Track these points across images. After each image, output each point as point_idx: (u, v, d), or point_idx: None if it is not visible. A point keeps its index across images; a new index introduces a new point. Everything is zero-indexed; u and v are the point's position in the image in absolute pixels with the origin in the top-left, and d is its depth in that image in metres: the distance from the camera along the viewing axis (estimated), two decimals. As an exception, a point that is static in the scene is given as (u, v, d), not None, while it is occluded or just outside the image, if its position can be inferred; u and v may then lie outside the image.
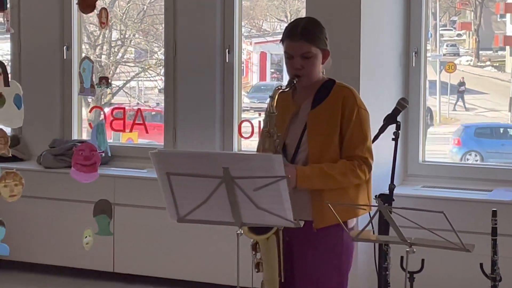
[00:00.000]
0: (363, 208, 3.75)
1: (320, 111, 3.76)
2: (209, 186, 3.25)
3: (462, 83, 6.62)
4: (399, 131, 4.13)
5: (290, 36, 3.76)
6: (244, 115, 6.55)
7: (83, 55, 6.96)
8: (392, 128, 4.13)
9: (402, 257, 3.96)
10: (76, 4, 4.26)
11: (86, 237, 4.33)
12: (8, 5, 4.08)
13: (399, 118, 4.16)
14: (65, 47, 6.83)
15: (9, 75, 3.76)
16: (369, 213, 3.65)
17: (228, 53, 6.33)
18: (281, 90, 3.71)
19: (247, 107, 6.97)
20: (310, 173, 3.66)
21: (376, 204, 3.32)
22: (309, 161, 3.72)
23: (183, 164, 3.29)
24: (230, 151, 6.19)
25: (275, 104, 3.69)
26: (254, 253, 3.78)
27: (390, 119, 4.14)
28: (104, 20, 4.39)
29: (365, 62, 5.54)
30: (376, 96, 5.55)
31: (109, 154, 4.60)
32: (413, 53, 5.93)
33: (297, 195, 3.59)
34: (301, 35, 3.72)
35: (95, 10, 4.37)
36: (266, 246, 3.73)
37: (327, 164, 3.69)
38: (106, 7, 4.41)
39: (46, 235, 6.53)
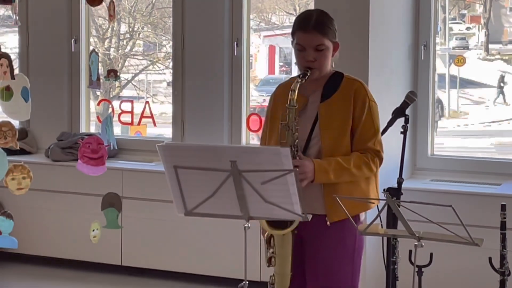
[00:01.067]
0: (372, 202, 3.73)
1: (331, 104, 3.74)
2: (217, 179, 3.23)
3: (502, 78, 6.59)
4: (408, 125, 4.11)
5: (303, 27, 3.72)
6: (252, 108, 6.54)
7: (91, 48, 6.97)
8: (400, 121, 4.11)
9: (410, 251, 3.95)
10: (84, -3, 4.26)
11: (93, 230, 4.33)
12: (16, -1, 4.09)
13: (407, 112, 4.14)
14: (73, 40, 6.83)
15: (17, 68, 3.78)
16: (377, 206, 3.64)
17: (237, 46, 6.32)
18: (299, 83, 3.67)
19: (255, 100, 6.97)
20: (327, 166, 3.64)
21: (385, 198, 3.30)
22: (323, 155, 3.70)
23: (190, 157, 3.27)
24: (238, 145, 6.18)
25: (295, 97, 3.66)
26: (267, 247, 3.75)
27: (398, 112, 4.12)
28: (112, 13, 4.39)
29: (374, 55, 5.52)
30: (385, 89, 5.53)
31: (116, 147, 4.59)
32: (422, 46, 5.91)
33: (310, 189, 3.59)
34: (315, 27, 3.69)
35: (103, 3, 4.37)
36: (281, 241, 3.72)
37: (342, 157, 3.68)
38: (114, 0, 4.40)
39: (54, 228, 6.54)
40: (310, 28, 3.69)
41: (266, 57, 7.37)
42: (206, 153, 3.29)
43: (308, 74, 3.70)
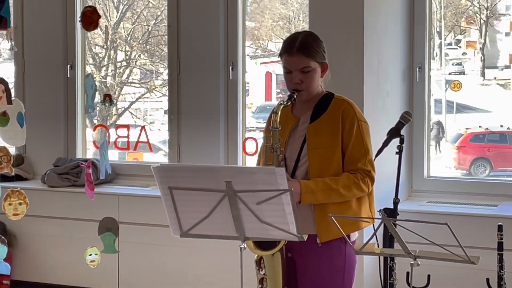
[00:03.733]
0: (367, 221, 3.73)
1: (319, 125, 3.76)
2: (212, 200, 3.23)
3: None
4: (403, 145, 4.10)
5: (288, 51, 3.75)
6: (250, 135, 6.53)
7: (87, 73, 6.99)
8: (396, 142, 4.11)
9: (408, 273, 3.93)
10: (79, 22, 4.27)
11: (90, 255, 4.32)
12: (12, 24, 4.10)
13: (403, 132, 4.14)
14: (69, 65, 6.85)
15: (13, 96, 3.78)
16: (373, 226, 3.63)
17: (232, 70, 6.33)
18: (283, 105, 3.71)
19: (252, 127, 6.96)
20: (314, 187, 3.64)
21: (380, 217, 3.29)
22: (310, 175, 3.71)
23: (185, 178, 3.27)
24: (233, 165, 6.18)
25: (278, 119, 3.69)
26: (258, 268, 3.75)
27: (393, 132, 4.12)
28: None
29: (369, 77, 5.53)
30: (381, 111, 5.54)
31: (110, 172, 4.60)
32: (417, 69, 5.94)
33: (300, 209, 3.57)
34: (299, 50, 3.72)
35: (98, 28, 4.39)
36: (271, 262, 3.72)
37: (331, 177, 3.68)
38: (110, 27, 4.41)
39: (50, 254, 6.51)
40: (294, 51, 3.72)
41: (263, 84, 7.38)
42: (201, 173, 3.28)
43: (294, 97, 3.73)
